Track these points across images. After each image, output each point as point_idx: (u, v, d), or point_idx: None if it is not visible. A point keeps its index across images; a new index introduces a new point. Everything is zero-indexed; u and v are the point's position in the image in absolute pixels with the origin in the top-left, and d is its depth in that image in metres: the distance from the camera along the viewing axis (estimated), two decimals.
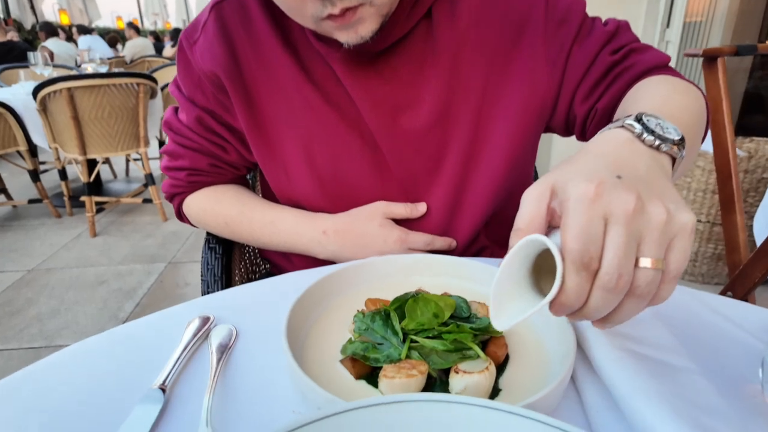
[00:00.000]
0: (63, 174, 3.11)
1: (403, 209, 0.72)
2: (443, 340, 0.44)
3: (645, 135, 0.40)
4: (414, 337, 0.45)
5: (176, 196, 0.81)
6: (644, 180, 0.36)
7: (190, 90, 0.74)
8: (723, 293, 1.16)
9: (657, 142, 0.40)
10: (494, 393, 0.42)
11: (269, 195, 0.81)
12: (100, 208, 3.28)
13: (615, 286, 0.33)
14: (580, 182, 0.34)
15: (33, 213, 3.35)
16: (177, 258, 2.67)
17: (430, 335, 0.45)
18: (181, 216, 0.83)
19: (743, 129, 2.51)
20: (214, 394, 0.43)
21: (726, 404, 0.38)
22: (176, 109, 0.79)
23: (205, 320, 0.53)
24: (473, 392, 0.40)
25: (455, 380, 0.41)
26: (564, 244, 0.33)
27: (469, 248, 0.76)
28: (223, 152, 0.76)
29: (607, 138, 0.41)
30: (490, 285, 0.56)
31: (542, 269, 0.38)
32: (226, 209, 0.78)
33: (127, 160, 3.96)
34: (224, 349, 0.49)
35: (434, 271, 0.59)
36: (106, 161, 3.80)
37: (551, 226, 0.37)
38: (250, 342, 0.51)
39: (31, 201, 3.34)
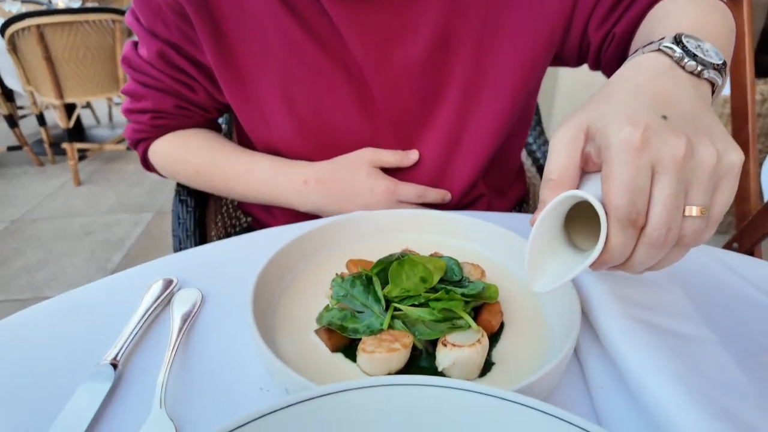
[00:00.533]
0: (41, 119, 2.98)
1: (392, 157, 0.65)
2: (431, 309, 0.39)
3: (686, 60, 0.35)
4: (398, 305, 0.39)
5: (140, 143, 0.73)
6: (691, 118, 0.32)
7: (150, 20, 0.64)
8: (729, 244, 1.11)
9: (699, 68, 0.36)
10: (486, 367, 0.37)
11: (246, 142, 0.74)
12: (82, 155, 3.17)
13: (664, 241, 0.31)
14: (623, 126, 0.30)
15: (13, 161, 3.23)
16: (165, 207, 2.61)
17: (416, 303, 0.39)
18: (147, 165, 0.76)
19: (758, 69, 2.39)
20: (173, 369, 0.38)
21: (744, 378, 0.34)
22: (136, 44, 0.70)
23: (168, 283, 0.48)
24: (463, 368, 0.36)
25: (443, 354, 0.36)
26: (608, 199, 0.30)
27: (464, 198, 0.70)
28: (190, 91, 0.68)
29: (643, 65, 0.36)
30: (485, 244, 0.51)
31: (575, 218, 0.35)
32: (196, 157, 0.70)
33: (110, 105, 3.79)
34: (187, 317, 0.44)
35: (424, 227, 0.53)
36: (88, 106, 3.64)
37: (584, 171, 0.34)
38: (217, 308, 0.46)
39: (10, 148, 3.21)
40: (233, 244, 0.56)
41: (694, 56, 0.36)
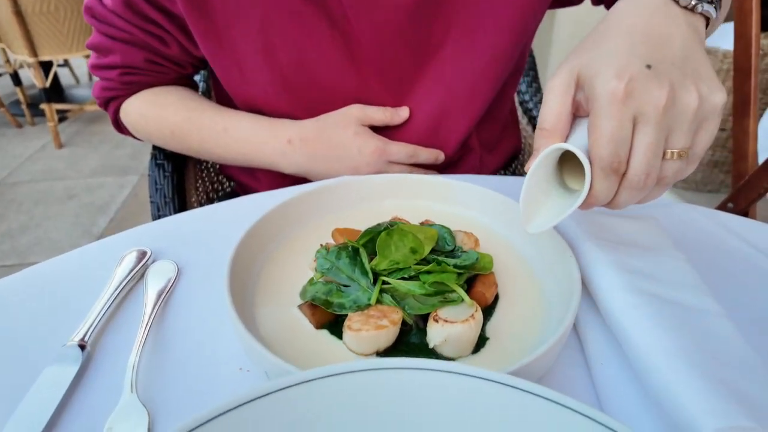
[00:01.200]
0: (16, 78, 2.84)
1: (381, 114, 0.61)
2: (421, 282, 0.36)
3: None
4: (386, 279, 0.37)
5: (111, 102, 0.68)
6: (679, 61, 0.34)
7: None
8: (723, 204, 1.10)
9: (693, 2, 0.36)
10: (480, 343, 0.35)
11: (225, 101, 0.69)
12: (63, 116, 3.05)
13: (643, 185, 0.33)
14: (610, 78, 0.32)
15: None
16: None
17: (406, 276, 0.37)
18: (119, 126, 0.71)
19: (762, 22, 2.32)
20: (146, 349, 0.36)
21: (752, 352, 0.32)
22: None
23: (142, 255, 0.45)
24: (455, 344, 0.33)
25: (434, 330, 0.34)
26: (592, 150, 0.33)
27: (454, 155, 0.66)
28: (162, 44, 0.62)
29: (638, 4, 0.37)
30: (479, 210, 0.48)
31: (568, 159, 0.37)
32: (171, 115, 0.65)
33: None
34: (162, 292, 0.41)
35: (414, 193, 0.50)
36: (65, 64, 3.48)
37: (575, 116, 0.37)
38: (194, 282, 0.43)
39: None
40: (213, 212, 0.53)
41: None
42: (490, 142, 0.74)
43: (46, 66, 2.67)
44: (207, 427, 0.23)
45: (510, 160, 0.82)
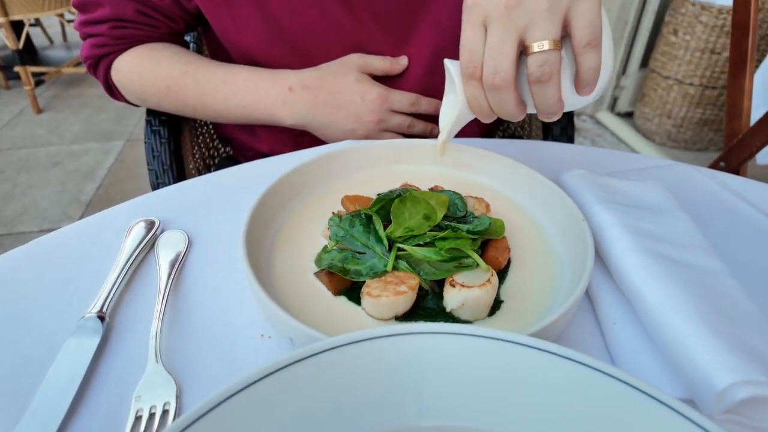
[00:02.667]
0: None
1: (381, 63, 0.60)
2: (437, 248, 0.36)
3: None
4: (401, 245, 0.37)
5: (101, 60, 0.65)
6: None
7: None
8: (715, 163, 1.11)
9: None
10: (495, 306, 0.36)
11: (219, 59, 0.66)
12: (39, 80, 2.93)
13: (493, 83, 0.36)
14: None
15: None
16: (135, 134, 2.48)
17: (421, 242, 0.37)
18: (111, 89, 0.68)
19: None
20: (164, 319, 0.36)
21: (756, 310, 0.34)
22: None
23: (150, 225, 0.44)
24: (472, 308, 0.34)
25: (451, 295, 0.34)
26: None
27: None
28: None
29: None
30: (488, 175, 0.48)
31: None
32: (166, 69, 0.63)
33: (62, 23, 3.44)
34: (175, 262, 0.41)
35: (425, 158, 0.50)
36: (37, 23, 3.31)
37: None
38: (205, 251, 0.43)
39: None
40: (216, 180, 0.52)
41: None
42: None
43: (16, 27, 2.54)
44: (247, 393, 0.24)
45: None
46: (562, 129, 0.71)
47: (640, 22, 2.34)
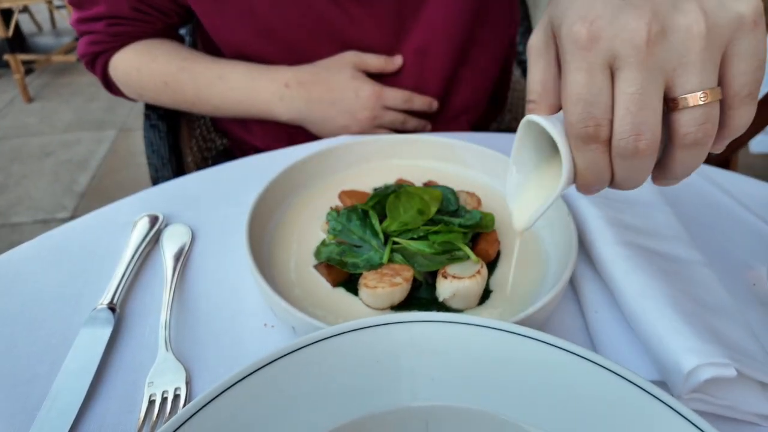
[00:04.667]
0: None
1: (376, 60, 0.61)
2: (430, 242, 0.39)
3: None
4: (397, 239, 0.39)
5: (98, 57, 0.66)
6: None
7: None
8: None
9: None
10: (485, 295, 0.38)
11: (212, 53, 0.67)
12: (29, 68, 2.89)
13: (635, 150, 0.25)
14: (573, 22, 0.25)
15: None
16: (128, 124, 2.47)
17: (415, 236, 0.39)
18: (108, 83, 0.69)
19: None
20: (172, 310, 0.38)
21: (730, 299, 0.36)
22: None
23: (154, 220, 0.46)
24: (463, 298, 0.36)
25: (443, 286, 0.37)
26: (564, 115, 0.26)
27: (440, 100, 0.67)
28: None
29: None
30: (480, 169, 0.50)
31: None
32: (163, 65, 0.64)
33: (51, 9, 3.39)
34: (180, 255, 0.43)
35: (416, 153, 0.51)
36: (25, 10, 3.25)
37: None
38: (209, 244, 0.45)
39: None
40: (216, 174, 0.54)
41: None
42: (478, 90, 0.73)
43: (5, 14, 2.50)
44: (254, 377, 0.26)
45: (500, 106, 0.81)
46: None
47: None
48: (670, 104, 0.25)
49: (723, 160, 1.11)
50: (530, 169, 0.32)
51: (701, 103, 0.25)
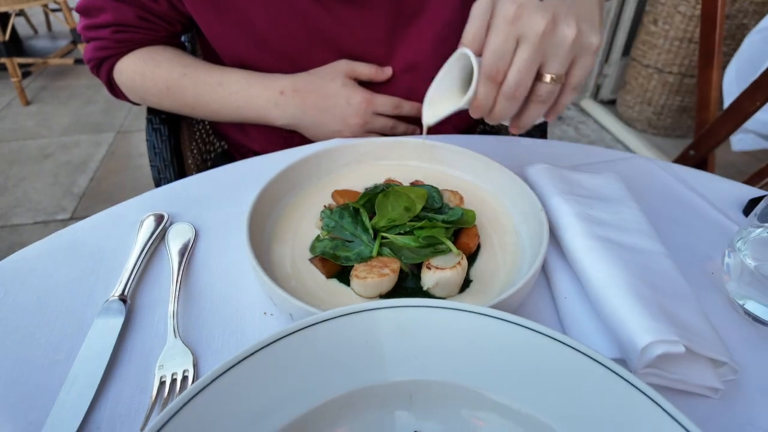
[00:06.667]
0: None
1: (367, 69, 0.65)
2: (415, 236, 0.42)
3: None
4: (385, 234, 0.43)
5: (104, 62, 0.69)
6: (568, 0, 0.41)
7: None
8: (686, 151, 1.18)
9: None
10: (465, 284, 0.42)
11: (212, 60, 0.71)
12: (26, 71, 2.91)
13: (512, 94, 0.40)
14: (507, 3, 0.39)
15: None
16: (126, 126, 2.49)
17: (402, 231, 0.43)
18: (112, 87, 0.72)
19: None
20: (179, 301, 0.41)
21: (687, 286, 0.40)
22: None
23: (159, 219, 0.49)
24: (445, 287, 0.40)
25: (427, 276, 0.40)
26: (482, 58, 0.40)
27: None
28: (152, 1, 0.64)
29: None
30: (463, 169, 0.54)
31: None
32: (166, 71, 0.67)
33: (46, 12, 3.41)
34: (184, 251, 0.46)
35: (407, 155, 0.55)
36: (21, 13, 3.27)
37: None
38: (212, 240, 0.48)
39: None
40: (216, 176, 0.57)
41: None
42: None
43: (2, 18, 2.52)
44: (256, 356, 0.29)
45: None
46: (536, 125, 0.77)
47: (622, 12, 2.39)
48: (537, 75, 0.41)
49: (701, 158, 1.15)
50: (446, 87, 0.46)
51: (552, 82, 0.41)
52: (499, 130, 0.87)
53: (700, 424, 0.27)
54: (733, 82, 1.67)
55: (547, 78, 0.40)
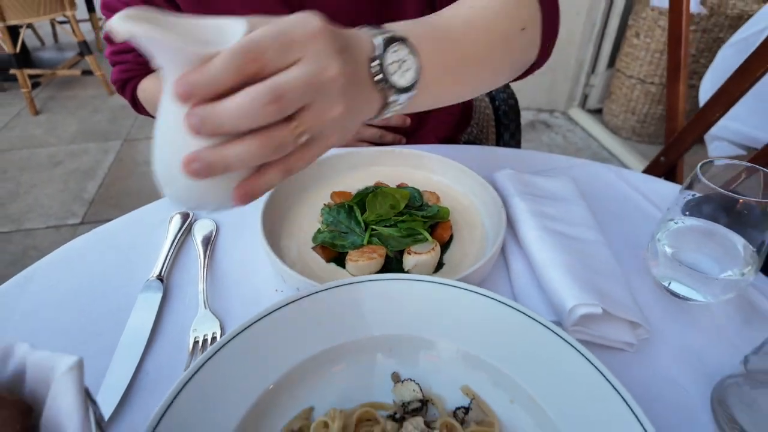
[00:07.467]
0: None
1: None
2: (399, 228, 0.52)
3: (375, 69, 0.36)
4: (374, 226, 0.52)
5: (128, 83, 0.79)
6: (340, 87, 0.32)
7: None
8: (657, 158, 1.27)
9: (380, 82, 0.36)
10: (439, 266, 0.51)
11: None
12: (36, 82, 3.02)
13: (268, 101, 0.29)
14: (315, 19, 0.31)
15: None
16: (132, 134, 2.59)
17: (388, 224, 0.52)
18: (136, 104, 0.82)
19: None
20: (207, 281, 0.51)
21: (618, 267, 0.49)
22: None
23: (185, 216, 0.59)
24: (422, 268, 0.49)
25: (407, 259, 0.50)
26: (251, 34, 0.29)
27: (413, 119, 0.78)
28: None
29: (359, 35, 0.36)
30: (441, 174, 0.64)
31: None
32: None
33: (53, 24, 3.52)
34: (208, 242, 0.55)
35: (393, 162, 0.65)
36: (29, 25, 3.38)
37: None
38: (231, 234, 0.57)
39: None
40: None
41: (384, 69, 0.36)
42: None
43: (12, 31, 2.62)
44: (270, 317, 0.39)
45: (466, 121, 0.95)
46: (511, 135, 0.87)
47: (607, 26, 2.51)
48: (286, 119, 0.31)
49: (671, 164, 1.24)
50: None
51: (298, 131, 0.31)
52: (479, 141, 0.97)
53: (619, 371, 0.36)
54: (708, 92, 1.77)
55: (294, 123, 0.30)
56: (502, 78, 0.54)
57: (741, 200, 0.43)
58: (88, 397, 0.29)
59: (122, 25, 0.27)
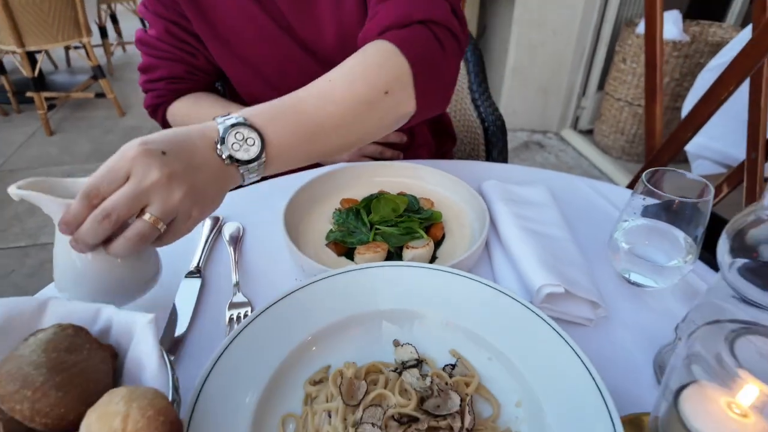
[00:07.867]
0: (0, 68, 2.92)
1: (373, 147, 0.85)
2: (399, 227, 0.61)
3: (220, 149, 0.48)
4: (378, 226, 0.62)
5: (160, 107, 0.90)
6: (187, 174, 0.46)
7: (153, 5, 0.80)
8: (638, 175, 1.38)
9: (227, 160, 0.48)
10: (433, 260, 0.61)
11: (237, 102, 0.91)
12: (51, 104, 3.15)
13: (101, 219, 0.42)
14: (137, 144, 0.46)
15: None
16: None
17: (390, 224, 0.62)
18: (165, 126, 0.92)
19: (693, 12, 2.60)
20: (238, 272, 0.60)
21: (583, 259, 0.59)
22: (144, 28, 0.85)
23: (216, 220, 0.69)
24: (418, 260, 0.59)
25: (406, 253, 0.59)
26: (88, 179, 0.44)
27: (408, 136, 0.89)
28: (193, 58, 0.85)
29: (194, 131, 0.49)
30: (435, 184, 0.74)
31: None
32: (206, 111, 0.87)
33: (66, 49, 3.68)
34: (236, 241, 0.65)
35: (394, 174, 0.75)
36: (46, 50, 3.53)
37: None
38: (256, 234, 0.67)
39: None
40: (253, 190, 0.77)
41: (229, 148, 0.48)
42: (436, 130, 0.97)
43: (31, 56, 2.77)
44: (295, 294, 0.48)
45: (452, 140, 1.06)
46: (499, 151, 0.98)
47: (596, 52, 2.65)
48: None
49: None
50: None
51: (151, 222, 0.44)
52: (471, 156, 1.07)
53: (579, 341, 0.45)
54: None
55: (146, 216, 0.43)
56: (372, 135, 0.61)
57: (677, 201, 0.53)
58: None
59: (15, 192, 0.43)
